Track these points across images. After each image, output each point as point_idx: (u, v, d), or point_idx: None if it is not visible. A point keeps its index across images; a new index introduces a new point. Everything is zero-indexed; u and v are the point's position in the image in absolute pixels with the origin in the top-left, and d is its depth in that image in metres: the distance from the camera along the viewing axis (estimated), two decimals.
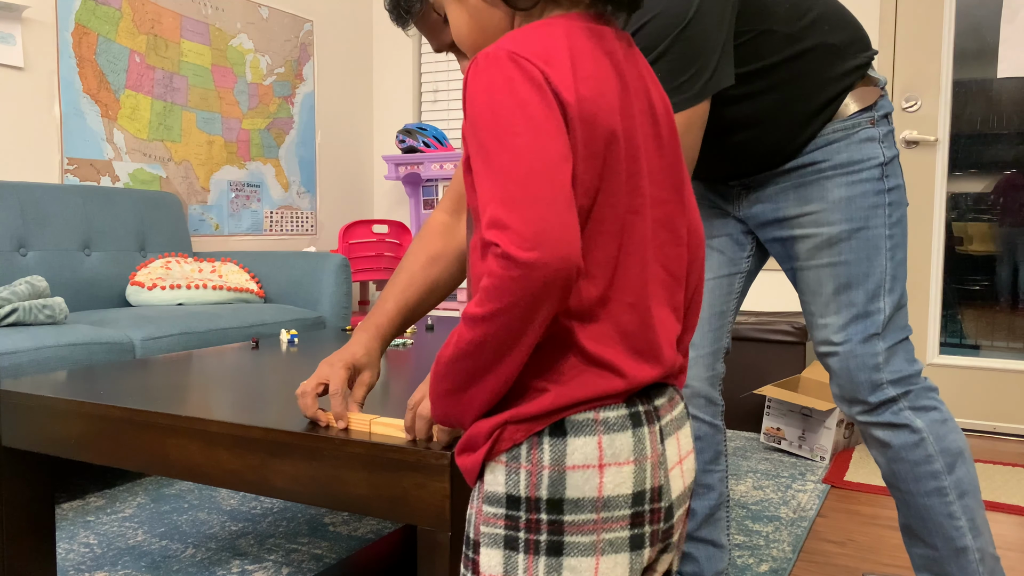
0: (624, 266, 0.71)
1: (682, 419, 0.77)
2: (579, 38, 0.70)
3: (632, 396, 0.71)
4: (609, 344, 0.70)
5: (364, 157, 4.25)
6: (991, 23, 3.02)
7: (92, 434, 1.25)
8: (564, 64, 0.67)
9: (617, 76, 0.71)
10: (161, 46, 3.17)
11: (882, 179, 1.27)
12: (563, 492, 0.68)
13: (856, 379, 1.29)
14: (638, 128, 0.72)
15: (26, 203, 2.58)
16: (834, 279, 1.30)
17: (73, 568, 1.73)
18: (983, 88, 3.06)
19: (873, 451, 1.33)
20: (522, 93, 0.64)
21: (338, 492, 1.06)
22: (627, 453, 0.69)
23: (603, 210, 0.69)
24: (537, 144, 0.63)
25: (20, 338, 1.99)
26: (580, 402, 0.69)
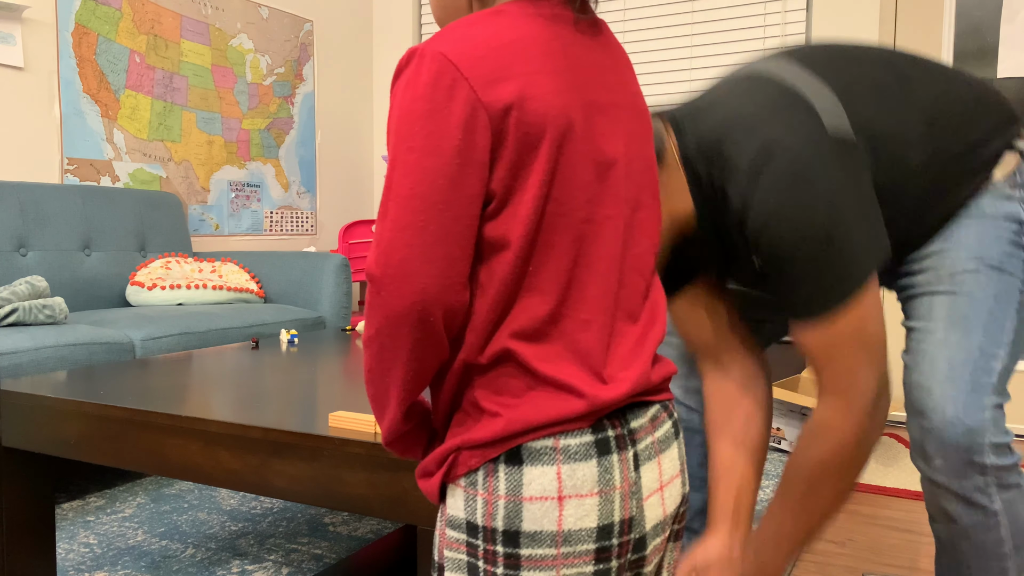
0: (581, 281, 0.65)
1: (668, 440, 0.70)
2: (530, 28, 0.63)
3: (601, 419, 0.65)
4: (563, 363, 0.64)
5: (364, 157, 4.26)
6: (991, 23, 3.02)
7: (92, 434, 1.25)
8: (501, 62, 0.61)
9: (577, 68, 0.64)
10: (161, 46, 3.17)
11: (1019, 235, 1.13)
12: (519, 524, 0.63)
13: (954, 431, 1.08)
14: (609, 124, 0.66)
15: (26, 203, 2.59)
16: (950, 306, 1.12)
17: (73, 568, 1.73)
18: None
19: (935, 512, 1.16)
20: (432, 103, 0.59)
21: (338, 492, 1.06)
22: (590, 484, 0.63)
23: (553, 219, 0.63)
24: (429, 164, 0.59)
25: (20, 338, 1.99)
26: (535, 427, 0.63)
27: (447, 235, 0.60)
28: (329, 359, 1.65)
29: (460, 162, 0.59)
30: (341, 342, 1.93)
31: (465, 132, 0.59)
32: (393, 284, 0.60)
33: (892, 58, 1.17)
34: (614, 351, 0.67)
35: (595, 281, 0.66)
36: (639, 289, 0.70)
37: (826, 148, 1.02)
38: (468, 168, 0.59)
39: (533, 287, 0.64)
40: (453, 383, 0.67)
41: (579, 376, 0.64)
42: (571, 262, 0.64)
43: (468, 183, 0.60)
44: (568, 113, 0.62)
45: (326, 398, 1.26)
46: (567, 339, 0.65)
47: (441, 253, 0.60)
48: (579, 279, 0.65)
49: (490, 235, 0.63)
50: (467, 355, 0.65)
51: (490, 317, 0.64)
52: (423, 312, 0.60)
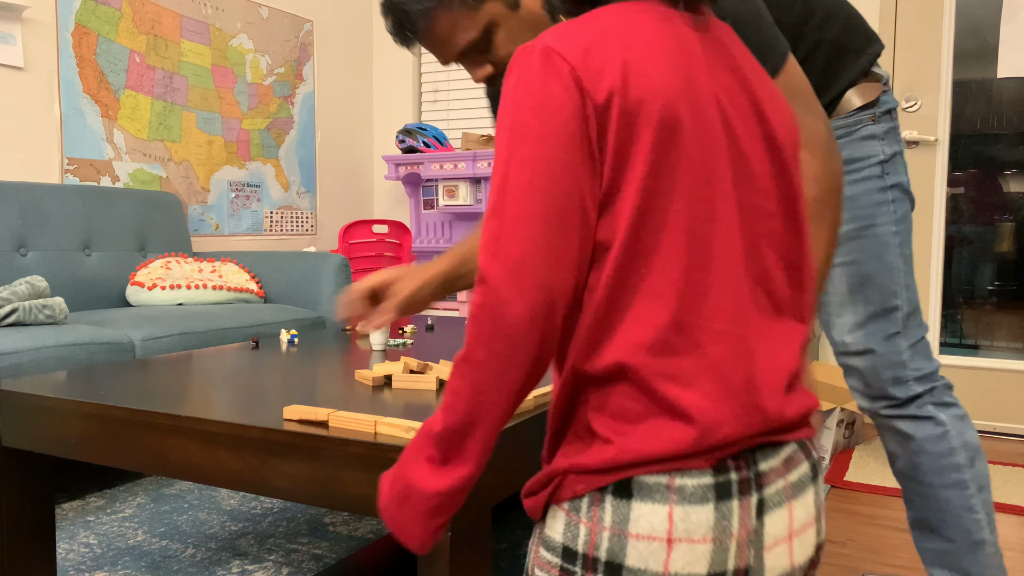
0: (703, 284, 0.59)
1: (802, 484, 0.64)
2: (639, 21, 0.61)
3: (726, 458, 0.59)
4: (689, 382, 0.58)
5: (364, 157, 4.25)
6: (991, 23, 3.01)
7: (92, 434, 1.25)
8: (608, 51, 0.58)
9: (687, 64, 0.61)
10: (161, 46, 3.17)
11: (883, 176, 1.27)
12: (623, 559, 0.59)
13: (881, 376, 1.30)
14: (722, 123, 0.62)
15: (26, 203, 2.58)
16: (847, 278, 1.30)
17: (73, 568, 1.73)
18: (983, 88, 3.06)
19: (891, 444, 1.34)
20: (544, 94, 0.58)
21: (338, 492, 1.06)
22: (704, 530, 0.58)
23: (659, 215, 0.58)
24: (547, 154, 0.57)
25: (20, 338, 1.99)
26: (648, 460, 0.58)
27: (570, 227, 0.57)
28: (329, 359, 1.65)
29: (575, 150, 0.57)
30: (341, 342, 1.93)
31: (579, 121, 0.57)
32: (513, 281, 0.56)
33: None
34: (750, 372, 0.60)
35: (724, 286, 0.60)
36: (766, 308, 0.63)
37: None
38: (583, 156, 0.57)
39: (647, 291, 0.58)
40: (564, 397, 0.62)
41: (701, 398, 0.58)
42: (686, 261, 0.59)
43: (584, 172, 0.57)
44: (676, 102, 0.59)
45: (326, 398, 1.26)
46: (698, 351, 0.59)
47: (565, 246, 0.56)
48: (702, 282, 0.59)
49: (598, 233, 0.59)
50: (576, 363, 0.60)
51: (599, 323, 0.59)
52: (549, 314, 0.56)
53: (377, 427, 1.06)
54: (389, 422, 1.05)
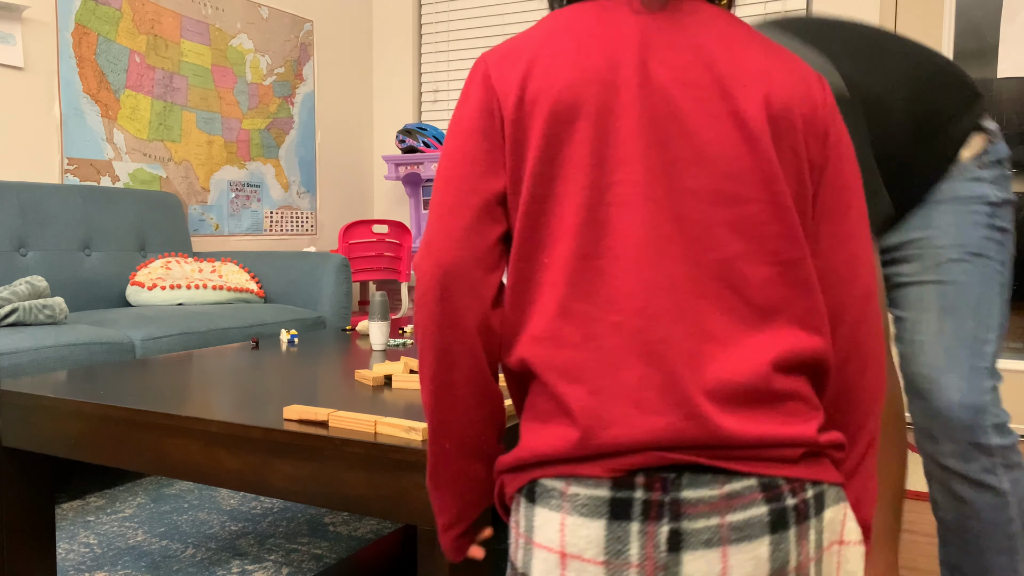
0: (598, 271, 0.55)
1: (748, 530, 0.52)
2: (573, 19, 0.62)
3: (635, 472, 0.52)
4: (577, 376, 0.54)
5: (364, 157, 4.25)
6: (991, 23, 3.01)
7: (92, 434, 1.25)
8: (522, 52, 0.61)
9: (610, 53, 0.59)
10: (161, 46, 3.17)
11: (992, 216, 1.19)
12: (529, 569, 0.55)
13: (958, 414, 1.14)
14: (654, 105, 0.58)
15: (26, 203, 2.58)
16: (940, 298, 1.18)
17: (73, 568, 1.73)
18: (983, 88, 3.06)
19: (939, 495, 1.21)
20: (464, 94, 0.64)
21: (338, 492, 1.06)
22: (594, 550, 0.51)
23: (552, 201, 0.57)
24: (452, 145, 0.62)
25: (20, 338, 1.99)
26: (543, 460, 0.54)
27: (462, 207, 0.60)
28: (329, 359, 1.65)
29: (475, 139, 0.61)
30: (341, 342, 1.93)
31: (481, 113, 0.61)
32: (421, 259, 0.61)
33: (864, 29, 1.22)
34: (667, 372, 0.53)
35: (624, 277, 0.55)
36: (727, 305, 0.55)
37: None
38: (483, 145, 0.60)
39: (547, 281, 0.56)
40: (512, 394, 0.63)
41: (588, 396, 0.52)
42: (576, 250, 0.56)
43: (483, 159, 0.60)
44: (576, 91, 0.58)
45: (326, 398, 1.26)
46: (593, 343, 0.54)
47: (456, 224, 0.60)
48: (594, 270, 0.55)
49: (509, 223, 0.61)
50: (502, 358, 0.61)
51: (509, 316, 0.59)
52: (442, 283, 0.59)
53: (377, 427, 1.06)
54: (389, 422, 1.05)
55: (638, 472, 0.52)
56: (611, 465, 0.52)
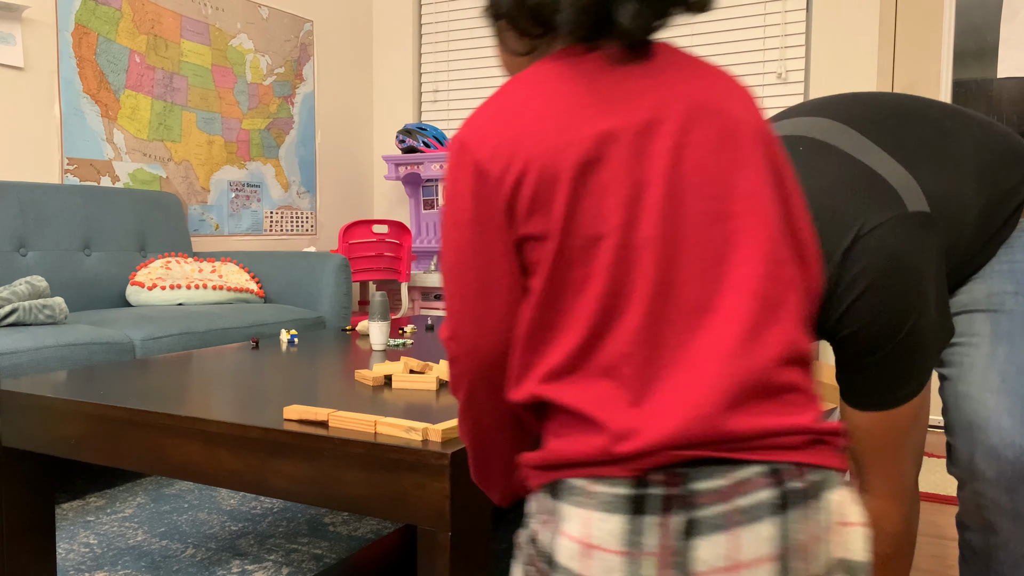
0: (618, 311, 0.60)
1: (755, 512, 0.57)
2: (542, 82, 0.65)
3: (651, 471, 0.57)
4: (597, 396, 0.60)
5: (364, 157, 4.25)
6: (991, 23, 3.02)
7: (92, 434, 1.25)
8: (505, 129, 0.63)
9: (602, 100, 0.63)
10: (161, 46, 3.17)
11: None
12: (555, 554, 0.60)
13: (1009, 444, 1.06)
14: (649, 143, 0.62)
15: (26, 203, 2.59)
16: (992, 323, 1.11)
17: (73, 568, 1.73)
18: (983, 88, 3.06)
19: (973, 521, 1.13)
20: (453, 183, 0.65)
21: (338, 492, 1.06)
22: (615, 541, 0.57)
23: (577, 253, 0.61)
24: (456, 237, 0.65)
25: (20, 338, 1.99)
26: (570, 462, 0.60)
27: (481, 295, 0.65)
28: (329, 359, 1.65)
29: (478, 229, 0.64)
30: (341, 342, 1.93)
31: (475, 201, 0.63)
32: (457, 350, 0.68)
33: (927, 111, 1.16)
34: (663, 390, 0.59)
35: (635, 310, 0.60)
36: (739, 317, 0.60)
37: (913, 233, 1.00)
38: (487, 232, 0.64)
39: (563, 325, 0.62)
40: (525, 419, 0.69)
41: (611, 407, 0.59)
42: (604, 292, 0.60)
43: (491, 245, 0.64)
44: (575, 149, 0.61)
45: (326, 398, 1.26)
46: (601, 371, 0.60)
47: (481, 311, 0.65)
48: (617, 309, 0.60)
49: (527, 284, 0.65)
50: (511, 395, 0.67)
51: (521, 361, 0.65)
52: (483, 366, 0.66)
53: (377, 427, 1.06)
54: (389, 422, 1.06)
55: (654, 470, 0.57)
56: (631, 466, 0.57)
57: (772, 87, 3.32)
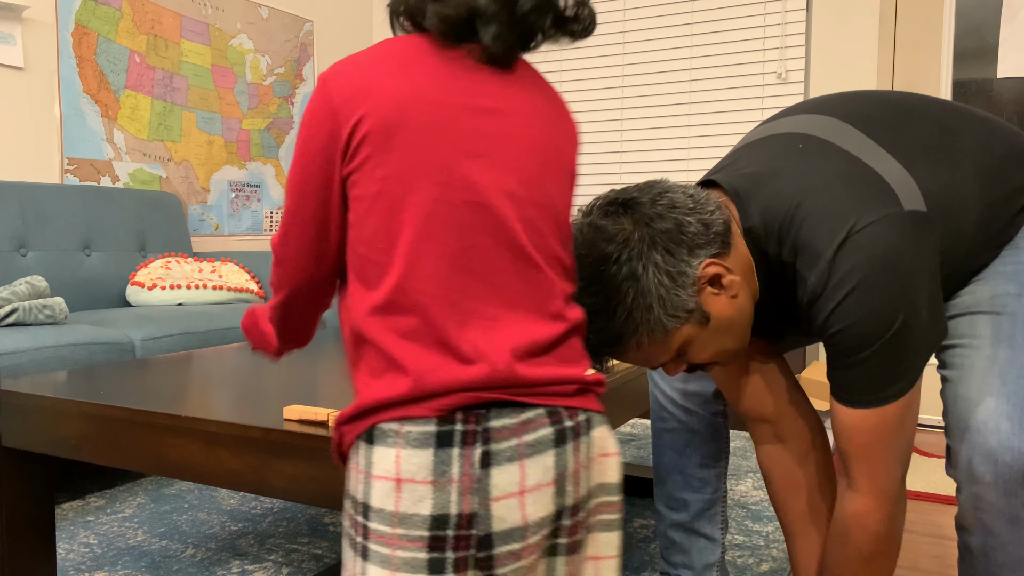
0: (421, 253, 0.69)
1: (540, 445, 0.69)
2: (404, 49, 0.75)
3: (454, 412, 0.67)
4: (410, 336, 0.68)
5: None
6: (991, 23, 3.02)
7: (92, 434, 1.25)
8: (359, 74, 0.73)
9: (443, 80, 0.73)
10: (161, 46, 3.17)
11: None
12: (370, 499, 0.68)
13: (1007, 447, 1.05)
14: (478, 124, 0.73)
15: (26, 203, 2.58)
16: (994, 325, 1.10)
17: (73, 568, 1.73)
18: (983, 88, 3.06)
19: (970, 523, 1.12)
20: (312, 116, 0.73)
21: (338, 492, 1.06)
22: (424, 472, 0.66)
23: (394, 199, 0.70)
24: (305, 162, 0.74)
25: (20, 338, 1.99)
26: (379, 405, 0.68)
27: (296, 215, 0.76)
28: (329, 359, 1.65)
29: (324, 156, 0.73)
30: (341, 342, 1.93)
31: (323, 132, 0.72)
32: (285, 256, 0.78)
33: (930, 109, 1.16)
34: (468, 331, 0.69)
35: (443, 259, 0.69)
36: (527, 279, 0.72)
37: (907, 232, 1.00)
38: (329, 162, 0.73)
39: (384, 264, 0.70)
40: (348, 361, 0.76)
41: (416, 353, 0.68)
42: (416, 236, 0.69)
43: (329, 176, 0.73)
44: (410, 106, 0.71)
45: (326, 398, 1.26)
46: (417, 312, 0.69)
47: (291, 230, 0.76)
48: (420, 250, 0.69)
49: (349, 219, 0.74)
50: (340, 329, 0.76)
51: (352, 293, 0.73)
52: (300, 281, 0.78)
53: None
54: None
55: (457, 410, 0.67)
56: (436, 405, 0.67)
57: (772, 87, 3.32)
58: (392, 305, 0.69)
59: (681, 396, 1.41)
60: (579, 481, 0.71)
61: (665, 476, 1.47)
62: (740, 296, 1.06)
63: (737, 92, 3.37)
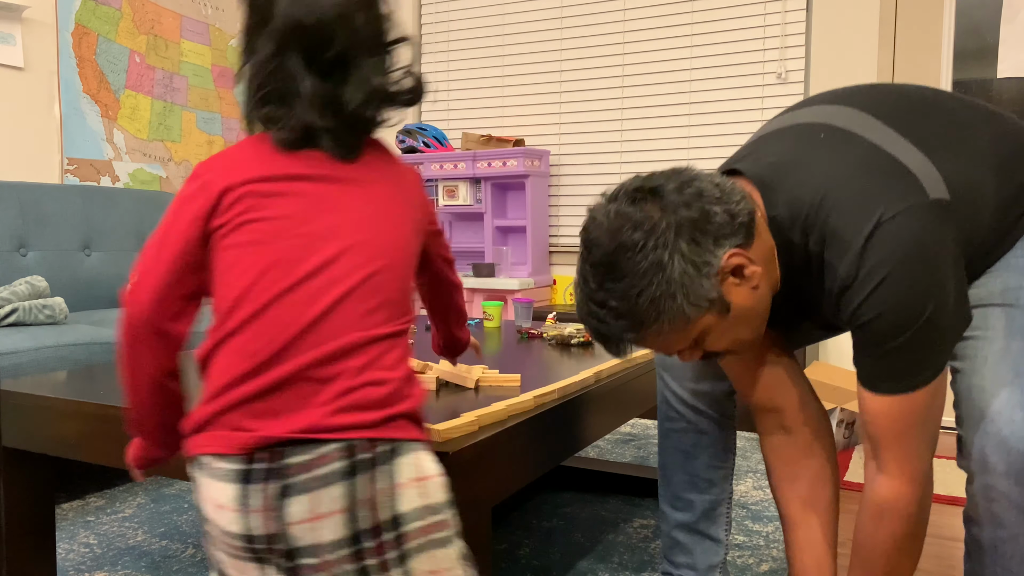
0: (247, 312, 0.81)
1: (330, 478, 0.78)
2: (250, 146, 0.89)
3: (258, 450, 0.78)
4: (225, 369, 0.80)
5: None
6: (991, 23, 3.02)
7: (92, 434, 1.25)
8: (219, 164, 0.88)
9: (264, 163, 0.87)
10: (161, 46, 3.17)
11: None
12: (203, 509, 0.81)
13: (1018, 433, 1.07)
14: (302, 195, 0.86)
15: (26, 203, 2.58)
16: (1007, 318, 1.11)
17: (73, 568, 1.73)
18: (983, 88, 3.06)
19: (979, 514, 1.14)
20: (187, 190, 0.87)
21: None
22: (231, 501, 0.78)
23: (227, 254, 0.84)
24: (174, 220, 0.86)
25: (20, 338, 1.99)
26: (204, 449, 0.81)
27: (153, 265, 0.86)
28: None
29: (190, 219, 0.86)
30: None
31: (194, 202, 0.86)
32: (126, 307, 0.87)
33: (946, 102, 1.17)
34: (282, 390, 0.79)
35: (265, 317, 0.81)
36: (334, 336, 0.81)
37: (934, 221, 1.01)
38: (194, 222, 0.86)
39: (228, 304, 0.83)
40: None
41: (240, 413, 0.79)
42: (249, 283, 0.82)
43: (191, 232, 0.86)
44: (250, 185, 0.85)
45: None
46: (239, 361, 0.80)
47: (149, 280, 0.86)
48: (243, 302, 0.82)
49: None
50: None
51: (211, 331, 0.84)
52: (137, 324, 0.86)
53: None
54: None
55: (260, 450, 0.78)
56: (247, 448, 0.78)
57: (772, 87, 3.32)
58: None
59: (691, 396, 1.41)
60: (377, 506, 0.79)
61: (671, 476, 1.46)
62: (761, 287, 1.07)
63: (737, 92, 3.37)
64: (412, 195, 0.95)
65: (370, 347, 0.81)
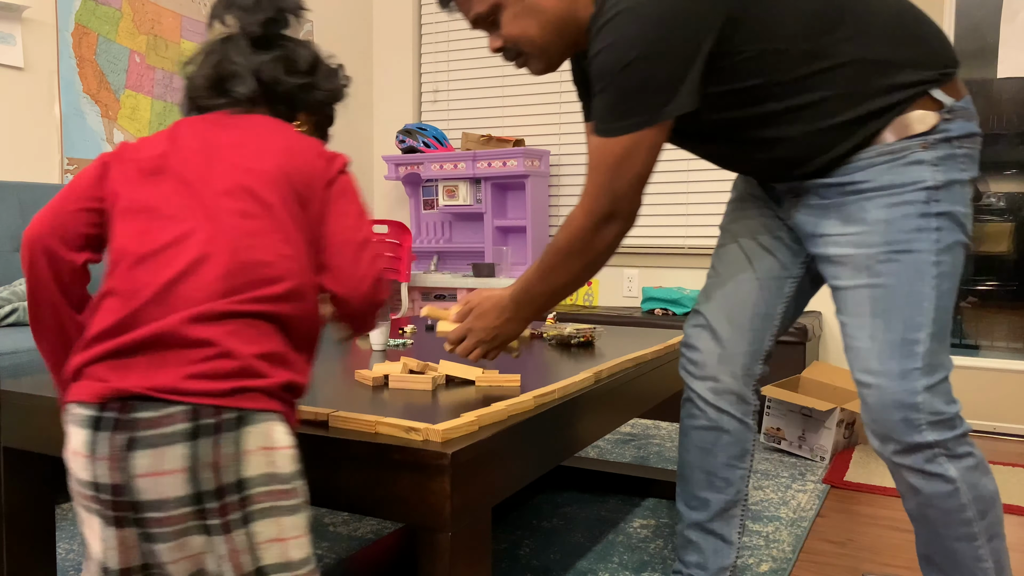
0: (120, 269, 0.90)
1: (175, 437, 0.82)
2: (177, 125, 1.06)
3: (111, 401, 0.83)
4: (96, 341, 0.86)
5: (364, 157, 4.26)
6: (991, 23, 3.02)
7: None
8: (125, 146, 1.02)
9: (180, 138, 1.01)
10: (161, 46, 3.17)
11: (928, 203, 1.16)
12: (65, 459, 0.87)
13: (891, 416, 1.19)
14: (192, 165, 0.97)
15: (26, 203, 2.58)
16: (872, 302, 1.20)
17: (73, 568, 1.73)
18: (983, 88, 3.06)
19: (901, 487, 1.26)
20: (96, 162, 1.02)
21: (338, 492, 1.06)
22: (83, 447, 0.83)
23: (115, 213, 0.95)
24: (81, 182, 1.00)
25: (20, 338, 1.99)
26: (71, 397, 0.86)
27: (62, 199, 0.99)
28: (329, 359, 1.65)
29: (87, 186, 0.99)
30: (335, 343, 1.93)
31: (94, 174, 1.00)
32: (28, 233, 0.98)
33: None
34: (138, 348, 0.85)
35: (126, 274, 0.89)
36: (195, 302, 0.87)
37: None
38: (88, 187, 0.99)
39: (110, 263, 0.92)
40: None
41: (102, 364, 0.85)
42: (121, 246, 0.91)
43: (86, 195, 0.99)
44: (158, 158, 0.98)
45: (326, 398, 1.26)
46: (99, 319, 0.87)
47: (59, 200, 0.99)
48: (119, 266, 0.90)
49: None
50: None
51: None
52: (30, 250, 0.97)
53: (377, 427, 1.07)
54: (389, 422, 1.06)
55: (113, 399, 0.83)
56: (102, 397, 0.83)
57: None
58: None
59: (713, 395, 1.42)
60: (220, 470, 0.83)
61: (689, 474, 1.47)
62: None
63: None
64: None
65: (231, 321, 0.86)
